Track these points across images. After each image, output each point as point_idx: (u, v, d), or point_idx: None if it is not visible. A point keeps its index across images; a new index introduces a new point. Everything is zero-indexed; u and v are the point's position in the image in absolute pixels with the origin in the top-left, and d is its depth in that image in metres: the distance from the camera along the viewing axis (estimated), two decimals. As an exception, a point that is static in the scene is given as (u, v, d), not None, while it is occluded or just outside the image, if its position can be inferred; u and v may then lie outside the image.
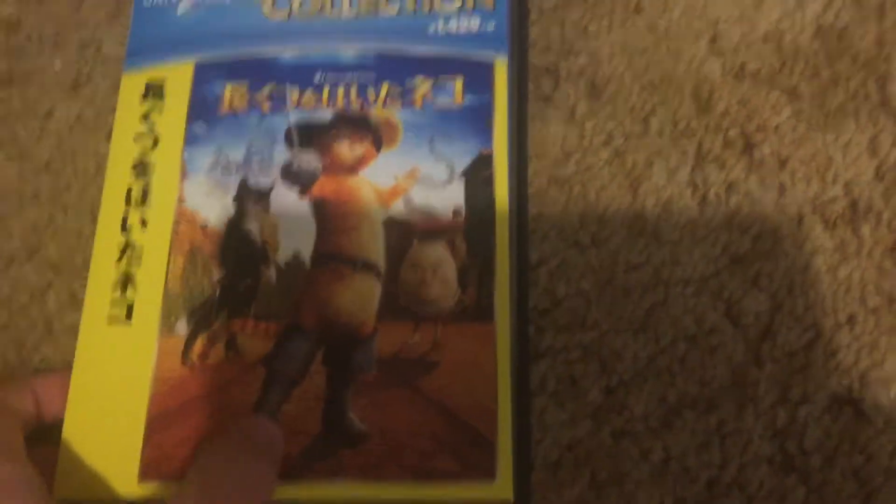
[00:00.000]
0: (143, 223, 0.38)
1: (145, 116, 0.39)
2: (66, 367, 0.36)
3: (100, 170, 0.42)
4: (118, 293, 0.37)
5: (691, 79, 0.42)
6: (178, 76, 0.40)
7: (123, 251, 0.37)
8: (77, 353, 0.36)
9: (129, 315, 0.36)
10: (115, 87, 0.43)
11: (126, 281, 0.37)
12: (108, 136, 0.42)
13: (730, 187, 0.40)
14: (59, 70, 0.44)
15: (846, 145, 0.40)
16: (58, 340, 0.38)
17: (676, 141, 0.41)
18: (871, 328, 0.37)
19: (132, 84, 0.40)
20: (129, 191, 0.38)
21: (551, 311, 0.38)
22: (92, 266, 0.37)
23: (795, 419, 0.36)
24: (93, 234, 0.40)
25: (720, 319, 0.38)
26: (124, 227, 0.37)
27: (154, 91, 0.40)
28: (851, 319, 0.37)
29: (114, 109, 0.43)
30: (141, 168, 0.38)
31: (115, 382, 0.35)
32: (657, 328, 0.38)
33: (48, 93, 0.43)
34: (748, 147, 0.40)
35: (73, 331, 0.39)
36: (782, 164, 0.40)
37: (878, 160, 0.40)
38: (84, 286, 0.39)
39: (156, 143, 0.39)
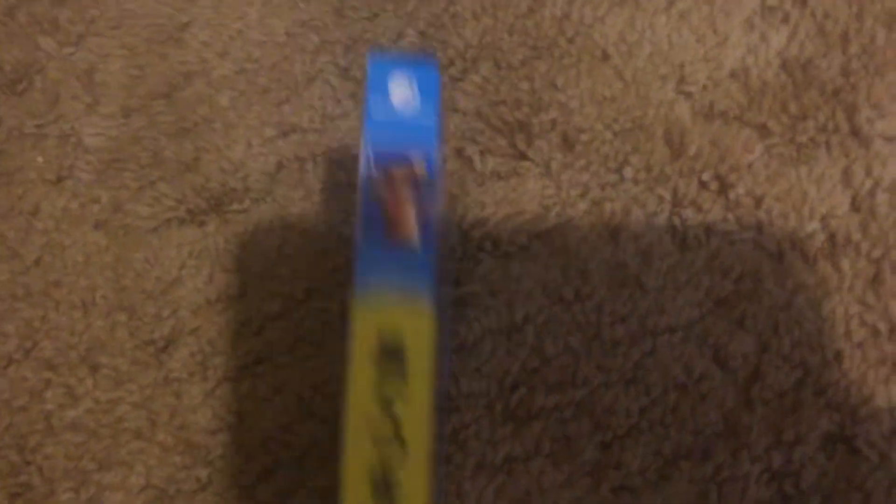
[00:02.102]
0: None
1: None
2: None
3: (89, 260, 0.42)
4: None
5: (662, 123, 0.42)
6: None
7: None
8: None
9: None
10: (98, 177, 0.44)
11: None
12: (95, 226, 0.43)
13: (708, 229, 0.40)
14: (41, 164, 0.45)
15: (820, 178, 0.40)
16: (59, 437, 0.39)
17: (652, 187, 0.41)
18: (858, 362, 0.37)
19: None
20: None
21: (541, 369, 0.39)
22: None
23: (791, 460, 0.36)
24: (87, 328, 0.41)
25: (708, 365, 0.38)
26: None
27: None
28: (838, 355, 0.37)
29: (98, 200, 0.43)
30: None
31: None
32: (647, 379, 0.38)
33: (33, 189, 0.44)
34: (723, 188, 0.41)
35: (74, 427, 0.39)
36: (758, 202, 0.40)
37: (853, 190, 0.40)
38: (82, 381, 0.40)
39: None
